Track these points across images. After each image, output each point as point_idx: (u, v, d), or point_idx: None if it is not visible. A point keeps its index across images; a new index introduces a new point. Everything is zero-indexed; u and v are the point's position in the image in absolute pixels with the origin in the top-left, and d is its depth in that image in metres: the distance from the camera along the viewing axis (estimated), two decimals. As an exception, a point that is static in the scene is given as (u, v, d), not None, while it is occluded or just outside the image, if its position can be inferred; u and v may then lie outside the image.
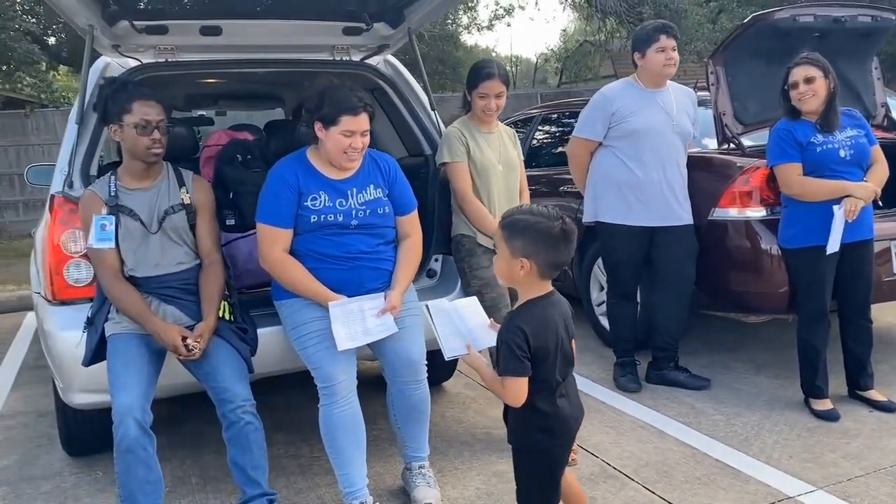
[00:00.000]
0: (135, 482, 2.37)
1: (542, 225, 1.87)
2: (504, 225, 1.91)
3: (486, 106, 3.15)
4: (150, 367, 2.52)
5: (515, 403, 1.90)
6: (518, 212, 1.94)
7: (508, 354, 1.85)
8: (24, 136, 12.53)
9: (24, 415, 4.01)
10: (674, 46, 3.60)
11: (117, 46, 3.05)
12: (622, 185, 3.69)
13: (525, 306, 1.94)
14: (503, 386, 1.89)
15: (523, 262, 1.88)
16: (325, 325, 2.61)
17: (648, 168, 3.64)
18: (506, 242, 1.89)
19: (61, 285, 2.75)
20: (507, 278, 1.96)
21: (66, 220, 2.74)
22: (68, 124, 2.99)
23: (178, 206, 2.67)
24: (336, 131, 2.62)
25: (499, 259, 1.94)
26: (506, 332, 1.89)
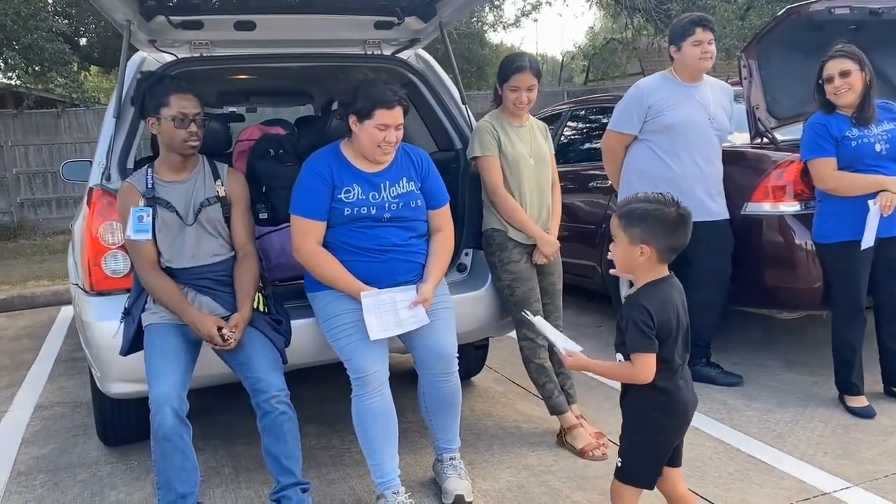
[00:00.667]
0: (171, 470, 2.40)
1: (660, 211, 1.94)
2: (621, 214, 1.97)
3: (518, 99, 3.14)
4: (186, 357, 2.56)
5: (647, 378, 1.94)
6: (634, 200, 2.01)
7: (636, 332, 1.91)
8: (56, 135, 12.77)
9: (60, 405, 4.08)
10: (710, 40, 3.56)
11: (153, 41, 3.09)
12: (657, 180, 3.65)
13: (645, 287, 1.99)
14: (633, 364, 1.94)
15: (643, 249, 1.94)
16: (357, 316, 2.63)
17: (684, 162, 3.60)
18: (624, 231, 1.96)
19: (99, 276, 2.80)
20: (626, 265, 2.01)
21: (104, 212, 2.79)
22: (105, 118, 3.04)
23: (213, 199, 2.70)
24: (371, 125, 2.63)
25: (617, 247, 1.99)
26: (631, 311, 1.93)
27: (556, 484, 2.87)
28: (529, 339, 3.17)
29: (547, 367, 3.20)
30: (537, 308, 3.17)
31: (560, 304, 3.34)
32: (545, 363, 3.19)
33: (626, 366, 1.97)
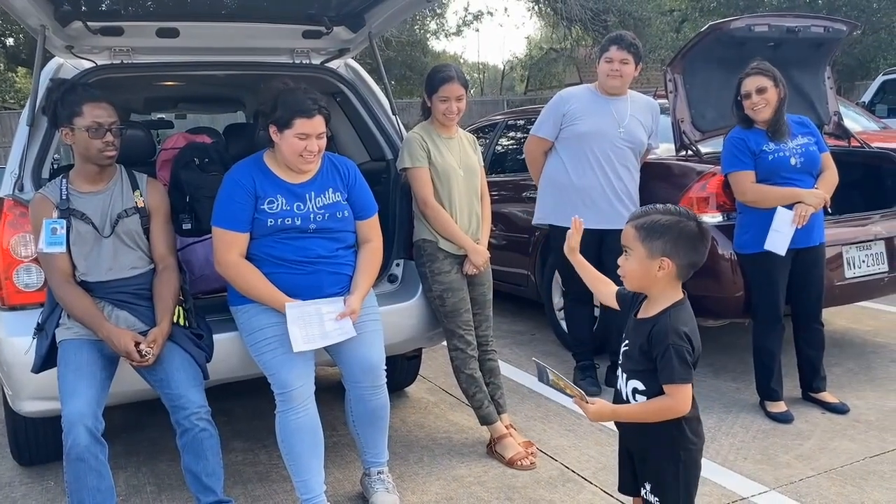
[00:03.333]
0: (85, 491, 2.31)
1: (683, 224, 1.80)
2: (639, 226, 1.82)
3: (448, 109, 3.15)
4: (102, 374, 2.47)
5: (686, 410, 1.80)
6: (652, 211, 1.85)
7: (679, 362, 1.75)
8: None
9: None
10: (624, 59, 3.65)
11: (71, 48, 2.99)
12: (565, 188, 3.77)
13: (677, 310, 1.83)
14: (673, 396, 1.77)
15: (663, 263, 1.80)
16: (281, 330, 2.59)
17: (590, 172, 3.71)
18: (642, 243, 1.81)
19: (11, 290, 2.68)
20: (640, 280, 1.85)
21: (16, 224, 2.67)
22: (19, 126, 2.92)
23: (131, 210, 2.62)
24: (291, 134, 2.60)
25: (631, 260, 1.84)
26: (672, 337, 1.76)
27: (485, 495, 2.87)
28: (460, 349, 3.18)
29: (477, 378, 3.21)
30: (467, 318, 3.18)
31: (490, 313, 3.35)
32: (475, 373, 3.20)
33: (663, 401, 1.79)
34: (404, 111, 11.38)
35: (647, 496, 1.90)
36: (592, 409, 1.83)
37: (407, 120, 3.76)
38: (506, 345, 4.79)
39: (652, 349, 1.79)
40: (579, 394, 1.82)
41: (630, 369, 1.87)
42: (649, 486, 1.90)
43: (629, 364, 1.88)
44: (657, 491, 1.88)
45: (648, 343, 1.80)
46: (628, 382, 1.88)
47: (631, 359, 1.87)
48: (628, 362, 1.89)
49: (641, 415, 1.84)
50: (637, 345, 1.84)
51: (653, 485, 1.89)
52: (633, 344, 1.87)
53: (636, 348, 1.85)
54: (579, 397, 1.82)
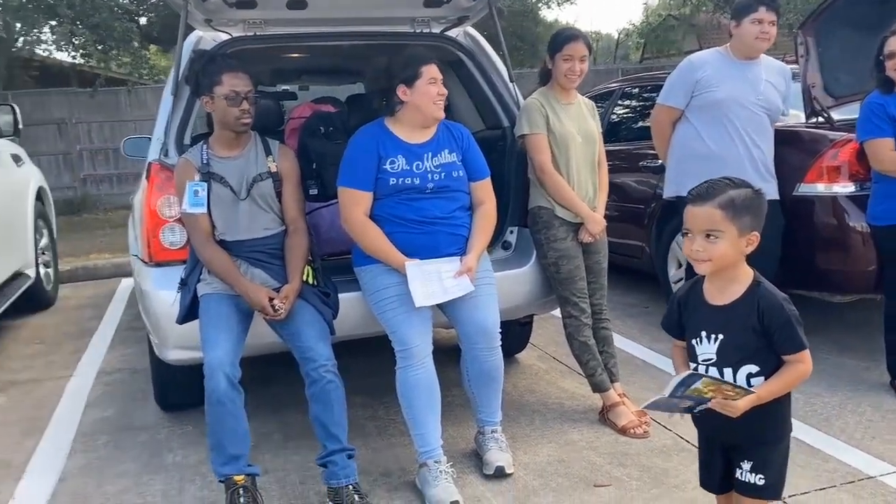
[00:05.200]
0: (223, 432, 2.52)
1: (754, 194, 1.76)
2: (723, 205, 1.72)
3: (570, 69, 3.14)
4: (238, 326, 2.66)
5: (809, 373, 1.76)
6: (720, 188, 1.75)
7: (798, 328, 1.72)
8: (117, 113, 13.17)
9: (121, 371, 4.27)
10: (772, 21, 3.43)
11: (209, 21, 3.18)
12: (701, 158, 3.59)
13: (762, 282, 1.79)
14: (803, 361, 1.73)
15: (752, 237, 1.75)
16: (402, 290, 2.70)
17: (728, 141, 3.53)
18: (732, 222, 1.72)
19: (157, 248, 2.92)
20: (729, 259, 1.75)
21: (162, 187, 2.90)
22: (163, 95, 3.15)
23: (265, 174, 2.78)
24: (422, 83, 2.74)
25: (722, 243, 1.72)
26: (787, 306, 1.73)
27: (597, 459, 2.90)
28: (574, 317, 3.20)
29: (591, 345, 3.22)
30: (582, 286, 3.19)
31: (605, 282, 3.34)
32: (589, 341, 3.22)
33: (797, 368, 1.74)
34: (515, 83, 11.34)
35: (746, 476, 1.83)
36: (741, 404, 1.69)
37: (518, 90, 3.76)
38: (618, 316, 4.75)
39: (768, 325, 1.72)
40: (741, 392, 1.68)
41: (738, 359, 1.76)
42: (748, 465, 1.82)
43: (735, 354, 1.76)
44: (760, 468, 1.81)
45: (760, 322, 1.73)
46: (738, 371, 1.76)
47: (738, 348, 1.76)
48: (733, 353, 1.77)
49: (781, 388, 1.75)
50: (746, 329, 1.74)
51: (754, 463, 1.82)
52: (736, 330, 1.76)
53: (746, 332, 1.74)
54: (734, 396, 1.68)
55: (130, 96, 13.20)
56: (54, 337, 5.09)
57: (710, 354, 1.79)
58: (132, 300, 6.01)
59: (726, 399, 1.69)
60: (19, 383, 4.14)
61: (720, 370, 1.78)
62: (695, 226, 1.75)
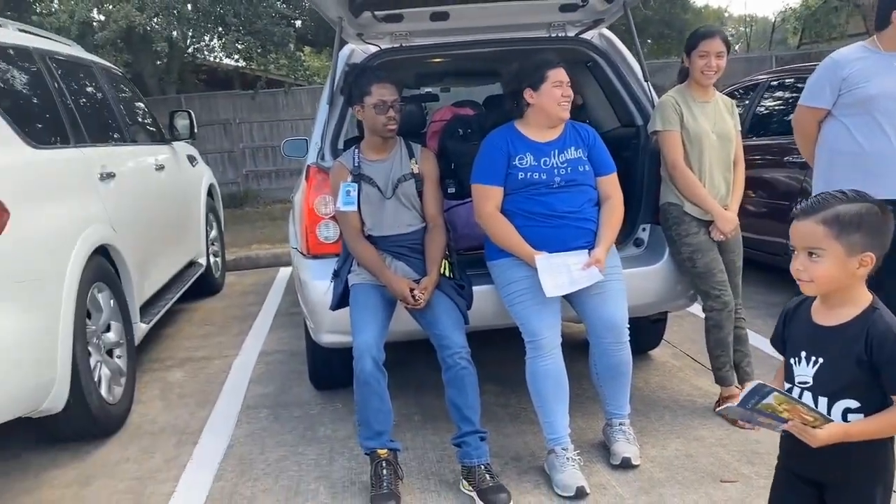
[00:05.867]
0: (369, 410, 2.78)
1: (874, 211, 1.57)
2: (828, 220, 1.55)
3: (706, 65, 3.16)
4: (383, 313, 2.92)
5: None
6: (831, 201, 1.57)
7: None
8: (276, 113, 14.16)
9: (279, 353, 4.71)
10: None
11: (361, 35, 3.47)
12: (853, 157, 3.44)
13: (881, 308, 1.59)
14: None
15: (864, 258, 1.55)
16: (532, 283, 2.85)
17: (881, 138, 3.37)
18: (837, 240, 1.54)
19: (314, 242, 3.25)
20: (835, 282, 1.57)
21: (319, 187, 3.22)
22: (320, 104, 3.48)
23: (408, 175, 3.02)
24: (547, 86, 2.88)
25: (825, 263, 1.55)
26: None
27: (725, 456, 2.92)
28: (715, 310, 3.22)
29: (726, 342, 3.24)
30: (721, 279, 3.19)
31: (739, 281, 3.33)
32: (728, 338, 3.24)
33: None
34: (660, 72, 11.12)
35: None
36: (823, 434, 1.53)
37: (663, 81, 3.78)
38: (758, 315, 4.65)
39: (876, 358, 1.52)
40: (820, 419, 1.53)
41: (836, 389, 1.58)
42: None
43: (832, 384, 1.59)
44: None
45: (868, 353, 1.53)
46: (834, 405, 1.58)
47: (838, 376, 1.58)
48: (832, 381, 1.59)
49: (877, 431, 1.56)
50: (849, 357, 1.56)
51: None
52: (839, 357, 1.58)
53: (849, 361, 1.56)
54: (813, 423, 1.53)
55: (287, 97, 14.13)
56: (222, 320, 5.65)
57: (806, 378, 1.63)
58: (289, 288, 6.54)
59: (805, 424, 1.54)
60: (194, 360, 4.67)
61: (815, 398, 1.61)
62: (797, 242, 1.60)
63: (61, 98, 3.79)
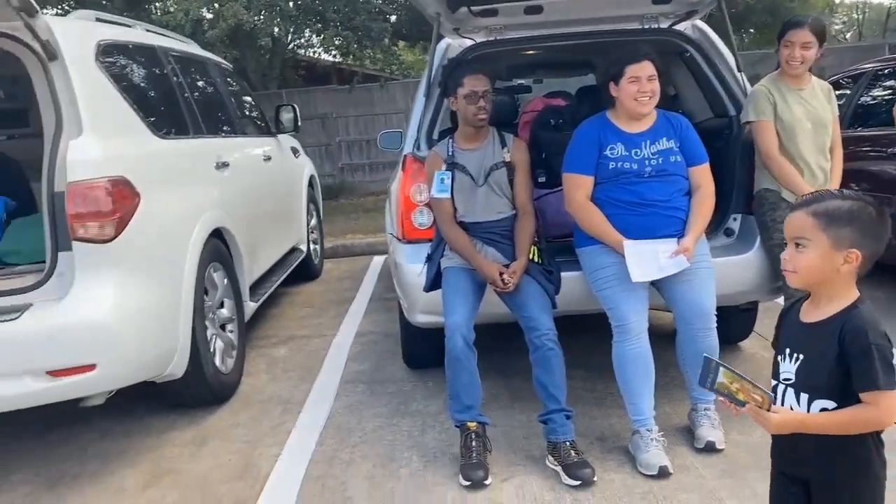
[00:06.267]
0: (459, 385, 2.94)
1: (868, 210, 1.57)
2: (818, 212, 1.57)
3: (790, 55, 3.16)
4: (474, 296, 3.07)
5: (889, 423, 1.55)
6: (826, 196, 1.61)
7: (886, 364, 1.50)
8: (371, 107, 14.54)
9: (374, 334, 4.95)
10: None
11: (457, 29, 3.62)
12: None
13: (865, 306, 1.59)
14: (877, 404, 1.51)
15: (850, 255, 1.55)
16: (620, 269, 2.93)
17: None
18: (824, 232, 1.56)
19: (409, 228, 3.43)
20: (816, 275, 1.59)
21: (415, 176, 3.40)
22: (416, 97, 3.66)
23: (500, 164, 3.16)
24: (624, 81, 2.94)
25: (808, 253, 1.58)
26: (874, 336, 1.52)
27: (813, 446, 2.92)
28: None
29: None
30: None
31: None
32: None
33: (866, 410, 1.52)
34: (759, 62, 10.76)
35: None
36: (776, 418, 1.55)
37: (762, 71, 3.76)
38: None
39: (847, 353, 1.53)
40: (766, 398, 1.55)
41: (814, 387, 1.58)
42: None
43: (811, 380, 1.59)
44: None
45: (841, 348, 1.54)
46: (812, 403, 1.58)
47: (816, 374, 1.58)
48: (809, 378, 1.59)
49: (837, 425, 1.56)
50: (826, 355, 1.56)
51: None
52: (818, 355, 1.59)
53: (826, 360, 1.56)
54: (760, 403, 1.55)
55: (382, 91, 14.48)
56: (321, 303, 5.96)
57: (789, 374, 1.64)
58: (383, 273, 6.81)
59: (759, 406, 1.55)
60: (296, 338, 4.97)
61: (797, 395, 1.61)
62: (787, 233, 1.63)
63: (182, 92, 4.13)
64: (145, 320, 3.10)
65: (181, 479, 3.07)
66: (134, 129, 3.37)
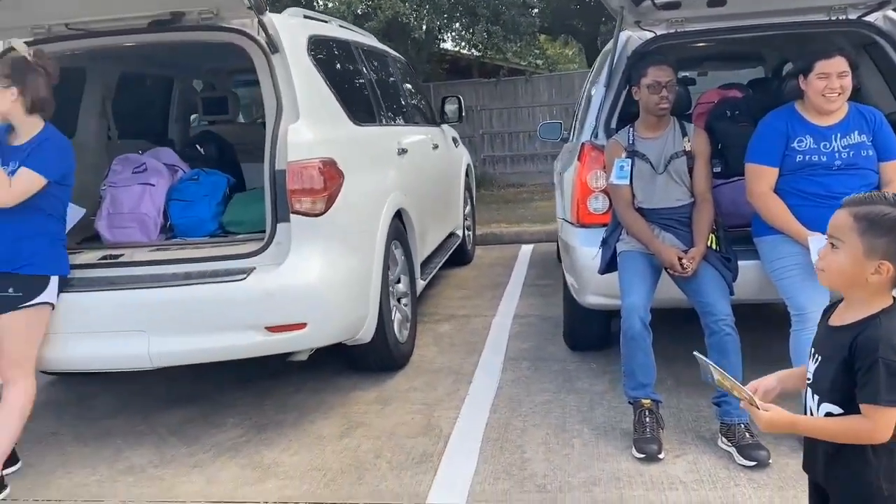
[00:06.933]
0: (635, 363, 3.08)
1: None
2: (859, 215, 1.52)
3: None
4: (650, 279, 3.19)
5: (884, 438, 1.51)
6: (877, 200, 1.54)
7: (890, 379, 1.46)
8: (514, 100, 14.74)
9: (531, 317, 5.14)
10: None
11: (638, 22, 3.73)
12: None
13: (889, 317, 1.53)
14: (872, 418, 1.48)
15: (881, 266, 1.50)
16: (801, 260, 2.96)
17: None
18: (860, 237, 1.51)
19: (584, 212, 3.60)
20: (844, 279, 1.56)
21: (592, 163, 3.56)
22: (597, 87, 3.80)
23: (680, 153, 3.26)
24: (813, 77, 2.97)
25: (840, 255, 1.54)
26: (884, 349, 1.47)
27: None
28: None
29: None
30: None
31: None
32: None
33: (858, 421, 1.50)
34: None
35: None
36: (765, 416, 1.55)
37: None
38: None
39: (855, 362, 1.50)
40: (749, 398, 1.58)
41: (824, 390, 1.56)
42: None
43: (823, 383, 1.57)
44: None
45: (851, 355, 1.51)
46: (820, 406, 1.57)
47: (826, 377, 1.56)
48: (822, 381, 1.58)
49: (826, 432, 1.55)
50: (836, 359, 1.54)
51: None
52: (830, 358, 1.57)
53: (835, 364, 1.54)
54: (748, 401, 1.58)
55: (527, 85, 14.64)
56: (475, 286, 6.22)
57: (810, 375, 1.64)
58: (533, 262, 7.00)
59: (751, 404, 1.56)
60: (457, 317, 5.25)
61: (813, 395, 1.61)
62: (829, 229, 1.59)
63: (370, 83, 4.49)
64: (346, 287, 3.44)
65: (371, 432, 3.40)
66: (337, 116, 3.74)
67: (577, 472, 2.90)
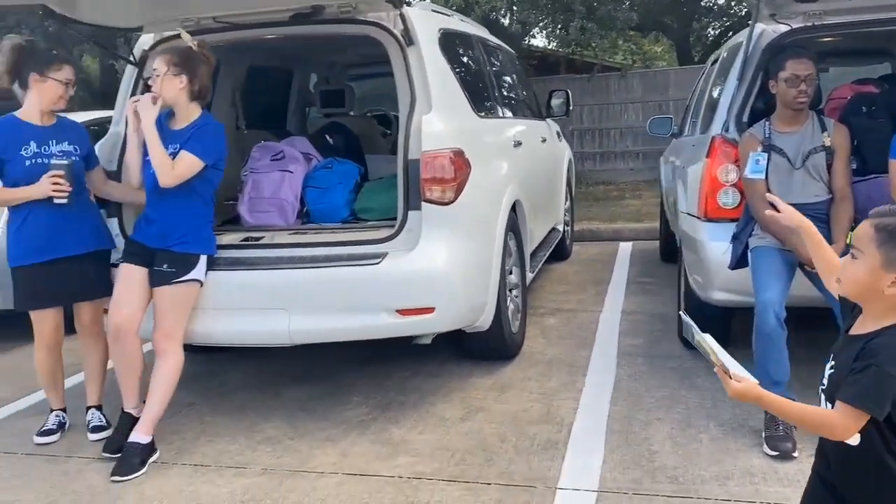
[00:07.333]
0: (769, 360, 3.03)
1: None
2: (881, 227, 1.50)
3: None
4: (786, 276, 3.14)
5: (843, 437, 1.51)
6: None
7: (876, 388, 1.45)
8: (607, 97, 14.56)
9: (639, 314, 5.11)
10: None
11: (773, 15, 3.66)
12: None
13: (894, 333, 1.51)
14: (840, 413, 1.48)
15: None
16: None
17: None
18: (879, 249, 1.49)
19: (713, 206, 3.56)
20: (860, 290, 1.54)
21: (722, 157, 3.52)
22: (729, 80, 3.75)
23: (819, 148, 3.20)
24: None
25: (859, 265, 1.52)
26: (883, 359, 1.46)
27: None
28: None
29: None
30: None
31: None
32: None
33: (827, 413, 1.52)
34: None
35: None
36: (737, 387, 1.52)
37: None
38: None
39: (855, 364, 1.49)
40: (721, 365, 1.55)
41: (832, 395, 1.53)
42: None
43: (832, 389, 1.54)
44: None
45: (855, 362, 1.49)
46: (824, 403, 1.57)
47: (836, 383, 1.53)
48: (832, 387, 1.55)
49: (791, 414, 1.54)
50: (846, 367, 1.51)
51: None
52: (842, 366, 1.54)
53: (845, 372, 1.51)
54: (721, 368, 1.55)
55: (620, 81, 14.45)
56: (577, 281, 6.22)
57: (825, 380, 1.62)
58: (635, 259, 6.95)
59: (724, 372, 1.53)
60: (563, 311, 5.27)
61: (826, 402, 1.59)
62: (853, 239, 1.56)
63: (489, 76, 4.55)
64: (471, 275, 3.52)
65: (492, 416, 3.47)
66: (463, 108, 3.82)
67: (709, 466, 2.89)
